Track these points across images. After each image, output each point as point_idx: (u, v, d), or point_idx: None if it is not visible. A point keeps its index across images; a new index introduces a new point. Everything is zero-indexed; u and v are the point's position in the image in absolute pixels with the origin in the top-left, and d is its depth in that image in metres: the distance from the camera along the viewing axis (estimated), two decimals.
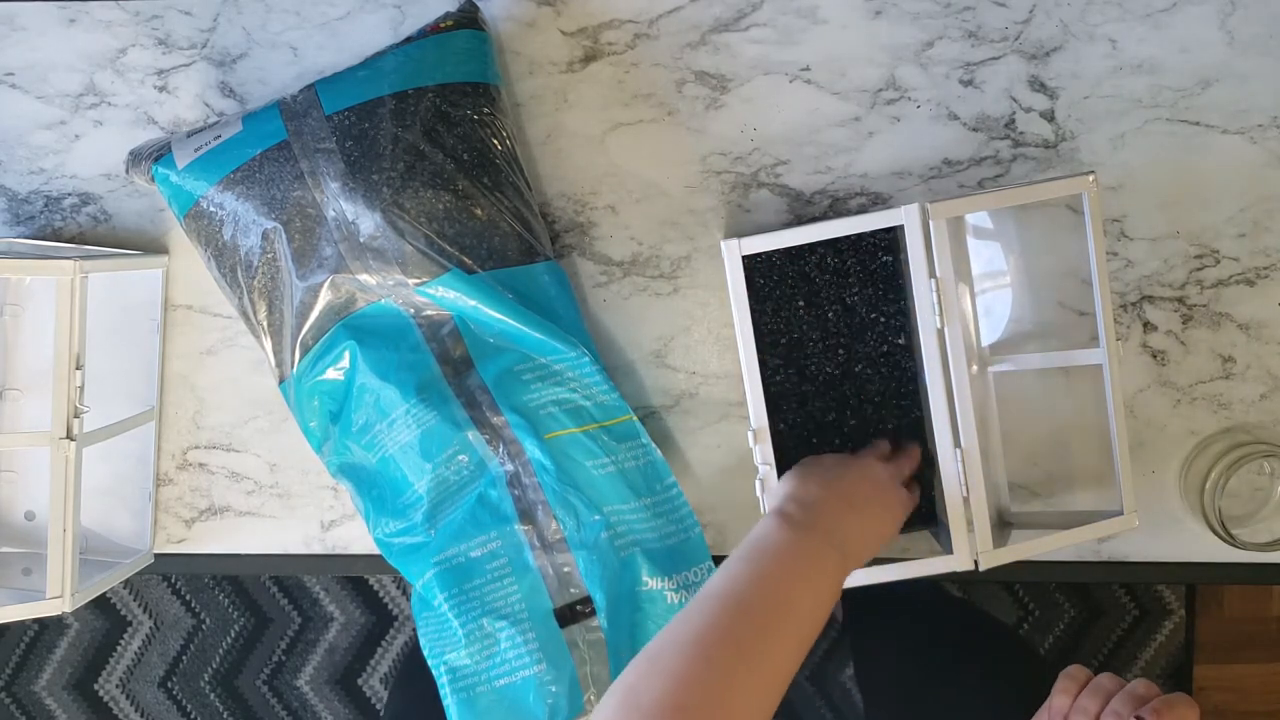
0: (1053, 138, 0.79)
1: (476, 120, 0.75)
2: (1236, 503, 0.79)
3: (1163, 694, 0.59)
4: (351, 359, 0.76)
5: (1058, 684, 0.64)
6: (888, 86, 0.80)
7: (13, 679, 1.66)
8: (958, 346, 0.70)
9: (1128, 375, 0.80)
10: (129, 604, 1.63)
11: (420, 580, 0.75)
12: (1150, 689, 0.60)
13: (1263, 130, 0.78)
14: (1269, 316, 0.79)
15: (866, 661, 1.10)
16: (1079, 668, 0.64)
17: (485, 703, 0.73)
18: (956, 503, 0.71)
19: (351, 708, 1.62)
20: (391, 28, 0.83)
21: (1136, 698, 0.60)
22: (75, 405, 0.73)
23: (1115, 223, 0.79)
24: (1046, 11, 0.79)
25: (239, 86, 0.85)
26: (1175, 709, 0.58)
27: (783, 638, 0.57)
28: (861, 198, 0.81)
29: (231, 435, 0.86)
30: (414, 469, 0.75)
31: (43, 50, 0.85)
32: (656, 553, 0.75)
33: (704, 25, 0.81)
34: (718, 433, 0.82)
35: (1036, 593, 1.53)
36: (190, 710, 1.64)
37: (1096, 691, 0.61)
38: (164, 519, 0.87)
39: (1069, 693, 0.63)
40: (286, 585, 1.61)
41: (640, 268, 0.82)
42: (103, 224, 0.86)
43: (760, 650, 0.56)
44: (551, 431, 0.74)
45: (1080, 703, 0.61)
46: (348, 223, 0.74)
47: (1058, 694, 0.63)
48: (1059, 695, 0.63)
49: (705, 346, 0.82)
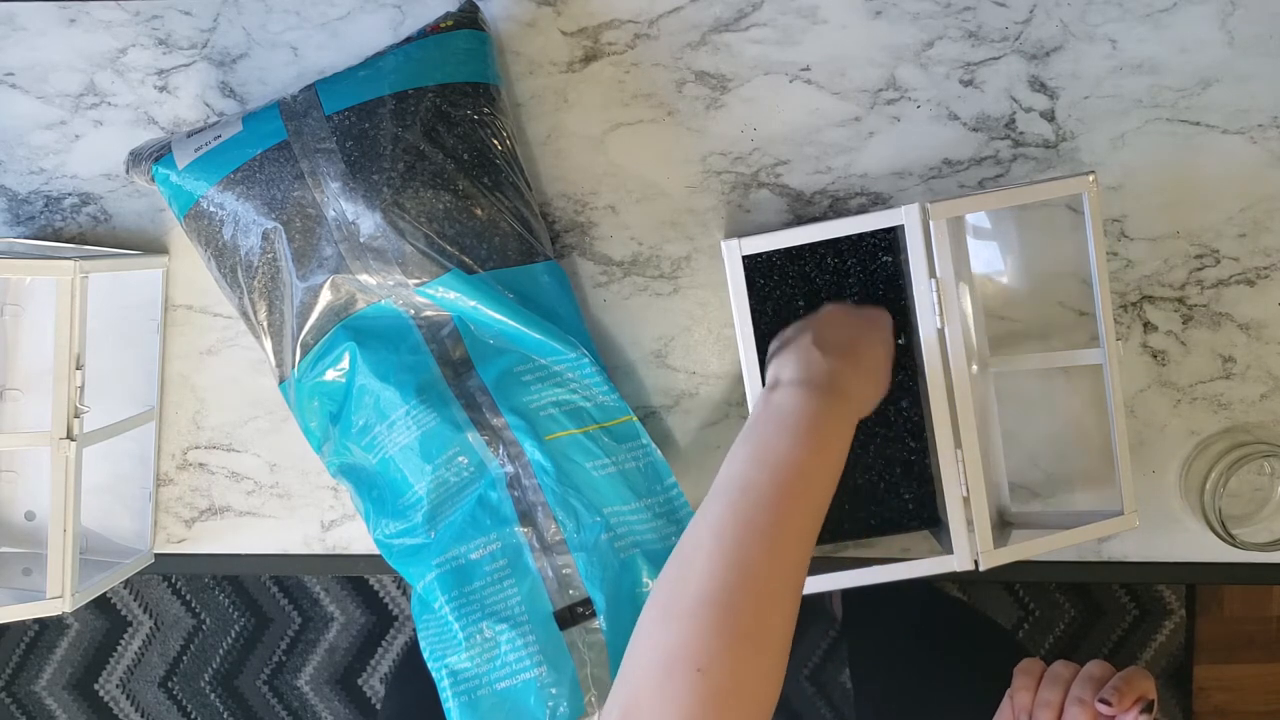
0: (1053, 138, 0.79)
1: (476, 120, 0.75)
2: (1236, 503, 0.79)
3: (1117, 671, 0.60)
4: (351, 360, 0.76)
5: (1015, 681, 0.64)
6: (888, 86, 0.80)
7: (13, 679, 1.66)
8: (958, 346, 0.70)
9: (1128, 375, 0.80)
10: (129, 604, 1.63)
11: (421, 583, 0.75)
12: (1105, 669, 0.61)
13: (1263, 130, 0.78)
14: (1269, 316, 0.79)
15: (861, 661, 1.10)
16: (1033, 660, 0.64)
17: (486, 705, 0.73)
18: (956, 503, 0.71)
19: (351, 708, 1.62)
20: (391, 28, 0.83)
21: (1095, 680, 0.60)
22: (75, 405, 0.73)
23: (1115, 223, 0.79)
24: (1046, 11, 0.79)
25: (239, 86, 0.85)
26: (1134, 684, 0.59)
27: (794, 501, 0.59)
28: (861, 198, 0.81)
29: (231, 435, 0.86)
30: (414, 470, 0.75)
31: (43, 50, 0.85)
32: (657, 554, 0.75)
33: (704, 25, 0.81)
34: (718, 433, 0.82)
35: (1036, 593, 1.53)
36: (190, 710, 1.64)
37: (1054, 681, 0.62)
38: (164, 519, 0.87)
39: (1029, 688, 0.63)
40: (286, 585, 1.61)
41: (640, 268, 0.82)
42: (103, 224, 0.86)
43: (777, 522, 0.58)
44: (551, 433, 0.74)
45: (1041, 695, 0.62)
46: (348, 223, 0.74)
47: (1018, 690, 0.63)
48: (1020, 692, 0.63)
49: (705, 346, 0.82)
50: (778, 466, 0.60)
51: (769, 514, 0.58)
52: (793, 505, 0.59)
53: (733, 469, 0.61)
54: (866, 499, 0.78)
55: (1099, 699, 0.58)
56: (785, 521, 0.58)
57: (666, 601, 0.56)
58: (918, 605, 1.09)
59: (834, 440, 0.63)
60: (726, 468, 0.62)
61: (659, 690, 0.52)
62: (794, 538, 0.58)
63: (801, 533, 0.59)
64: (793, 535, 0.58)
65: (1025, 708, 0.62)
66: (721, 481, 0.61)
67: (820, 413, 0.63)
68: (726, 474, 0.61)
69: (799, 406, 0.63)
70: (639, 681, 0.53)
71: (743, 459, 0.61)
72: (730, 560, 0.56)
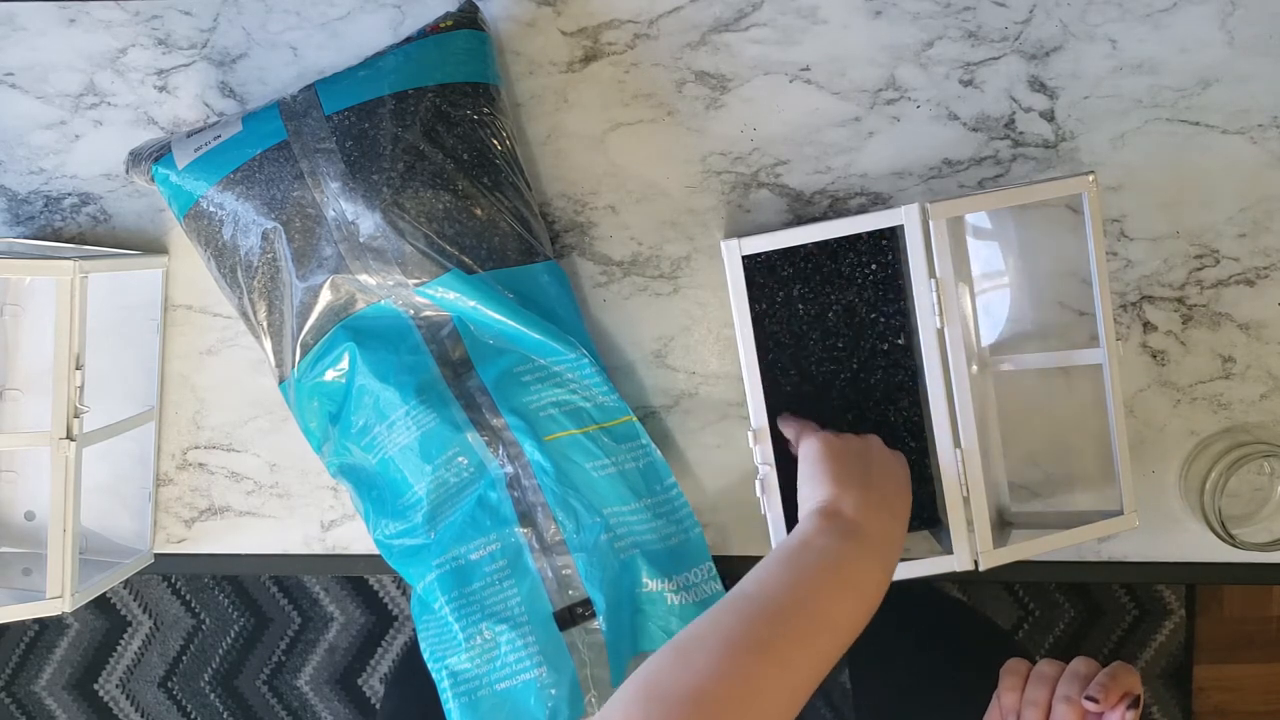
0: (1053, 138, 0.79)
1: (476, 120, 0.75)
2: (1236, 503, 0.79)
3: (1103, 667, 0.60)
4: (351, 361, 0.76)
5: (1002, 681, 0.64)
6: (888, 86, 0.80)
7: (13, 679, 1.66)
8: (958, 346, 0.70)
9: (1128, 375, 0.80)
10: (129, 604, 1.63)
11: (421, 583, 0.75)
12: (1091, 666, 0.61)
13: (1263, 130, 0.78)
14: (1269, 316, 0.79)
15: (861, 662, 1.10)
16: (1018, 660, 0.64)
17: (487, 706, 0.73)
18: (956, 503, 0.71)
19: (351, 708, 1.62)
20: (391, 28, 0.83)
21: (1081, 677, 0.60)
22: (75, 405, 0.73)
23: (1115, 223, 0.79)
24: (1046, 11, 0.79)
25: (239, 86, 0.85)
26: (1120, 680, 0.59)
27: (816, 647, 0.57)
28: (861, 198, 0.81)
29: (231, 435, 0.86)
30: (414, 471, 0.75)
31: (43, 50, 0.85)
32: (657, 554, 0.75)
33: (704, 25, 0.81)
34: (718, 433, 0.82)
35: (1036, 593, 1.53)
36: (190, 710, 1.64)
37: (1040, 680, 0.62)
38: (164, 519, 0.87)
39: (1015, 688, 0.63)
40: (286, 585, 1.61)
41: (640, 268, 0.82)
42: (103, 224, 0.86)
43: (791, 657, 0.55)
44: (551, 433, 0.74)
45: (1028, 694, 0.61)
46: (348, 223, 0.74)
47: (1005, 691, 0.63)
48: (1006, 693, 0.63)
49: (705, 346, 0.82)
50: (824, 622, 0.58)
51: (793, 648, 0.56)
52: (819, 656, 0.57)
53: (768, 591, 0.58)
54: None
55: (1085, 696, 0.58)
56: (805, 662, 0.56)
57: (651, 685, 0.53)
58: (917, 605, 1.09)
59: (878, 601, 0.62)
60: (761, 584, 0.59)
61: None
62: (805, 679, 0.56)
63: (816, 679, 0.57)
64: (804, 678, 0.56)
65: (1013, 707, 0.62)
66: (751, 595, 0.58)
67: (881, 581, 0.62)
68: (762, 591, 0.58)
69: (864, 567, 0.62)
70: None
71: (784, 587, 0.59)
72: (731, 675, 0.53)
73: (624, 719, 0.52)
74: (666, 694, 0.52)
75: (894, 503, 0.67)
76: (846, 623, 0.59)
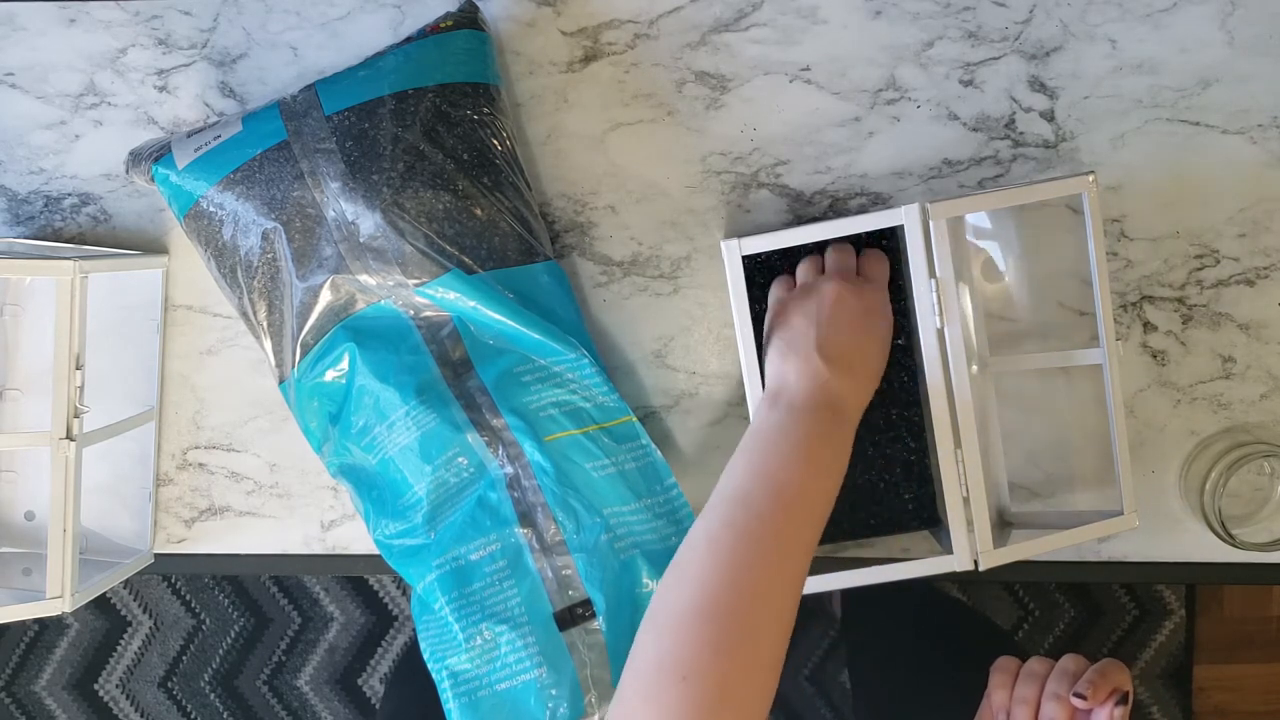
0: (1053, 138, 0.79)
1: (476, 120, 0.75)
2: (1236, 503, 0.79)
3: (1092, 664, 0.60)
4: (351, 361, 0.76)
5: (992, 679, 0.64)
6: (888, 86, 0.80)
7: (13, 679, 1.66)
8: (958, 346, 0.70)
9: (1128, 375, 0.80)
10: (129, 604, 1.63)
11: (421, 583, 0.75)
12: (1080, 663, 0.61)
13: (1263, 130, 0.78)
14: (1269, 316, 0.79)
15: (860, 661, 1.10)
16: (1008, 659, 0.65)
17: (487, 707, 0.73)
18: (956, 503, 0.71)
19: (351, 708, 1.62)
20: (391, 28, 0.83)
21: (1070, 674, 0.60)
22: (75, 405, 0.73)
23: (1115, 223, 0.79)
24: (1046, 11, 0.79)
25: (239, 86, 0.85)
26: (1109, 676, 0.59)
27: (792, 520, 0.60)
28: (861, 198, 0.81)
29: (231, 435, 0.86)
30: (414, 471, 0.75)
31: (43, 50, 0.85)
32: (657, 554, 0.75)
33: (704, 25, 0.81)
34: (718, 433, 0.82)
35: (1036, 593, 1.53)
36: (190, 710, 1.64)
37: (1030, 678, 0.62)
38: (164, 519, 0.87)
39: (1005, 686, 0.63)
40: (286, 585, 1.61)
41: (640, 268, 0.82)
42: (103, 224, 0.86)
43: (774, 536, 0.58)
44: (551, 433, 0.74)
45: (1018, 692, 0.62)
46: (348, 223, 0.74)
47: (994, 689, 0.63)
48: (996, 690, 0.63)
49: (705, 346, 0.82)
50: (780, 486, 0.60)
51: (767, 528, 0.58)
52: (792, 522, 0.59)
53: (733, 481, 0.62)
54: (866, 499, 0.78)
55: (1074, 693, 0.59)
56: (783, 537, 0.58)
57: (659, 611, 0.56)
58: (917, 605, 1.09)
59: (837, 460, 0.64)
60: (727, 479, 0.62)
61: (647, 700, 0.53)
62: (791, 553, 0.58)
63: (800, 548, 0.59)
64: (790, 550, 0.58)
65: (1003, 706, 0.63)
66: (721, 493, 0.61)
67: (826, 434, 0.64)
68: (726, 486, 0.62)
69: (805, 429, 0.63)
70: (630, 691, 0.54)
71: (743, 473, 0.62)
72: (723, 572, 0.56)
73: (638, 645, 0.56)
74: (672, 617, 0.56)
75: (850, 356, 0.67)
76: (814, 489, 0.62)
